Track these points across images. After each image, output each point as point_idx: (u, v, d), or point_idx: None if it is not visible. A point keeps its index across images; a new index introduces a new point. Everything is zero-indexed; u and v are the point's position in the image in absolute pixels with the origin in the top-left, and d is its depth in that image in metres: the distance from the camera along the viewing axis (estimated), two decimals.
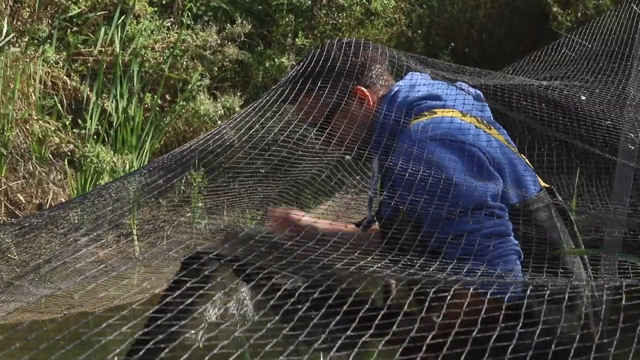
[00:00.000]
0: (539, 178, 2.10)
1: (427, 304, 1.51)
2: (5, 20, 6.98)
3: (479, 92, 2.18)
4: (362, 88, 2.09)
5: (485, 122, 2.05)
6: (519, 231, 1.90)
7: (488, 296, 1.62)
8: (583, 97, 2.98)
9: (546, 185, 2.11)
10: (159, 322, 1.35)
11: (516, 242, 1.87)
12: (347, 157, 2.24)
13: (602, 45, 3.58)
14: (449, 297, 1.52)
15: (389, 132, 2.02)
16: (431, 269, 1.59)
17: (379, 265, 1.58)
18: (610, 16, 3.83)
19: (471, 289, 1.63)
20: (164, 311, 1.36)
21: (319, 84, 2.06)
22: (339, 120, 2.07)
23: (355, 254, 1.56)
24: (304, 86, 2.06)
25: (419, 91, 2.07)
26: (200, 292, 1.39)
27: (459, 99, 2.07)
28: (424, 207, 1.84)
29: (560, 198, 2.13)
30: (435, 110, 2.02)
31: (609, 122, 3.02)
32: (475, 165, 1.92)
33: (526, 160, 2.11)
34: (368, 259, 1.60)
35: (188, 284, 1.40)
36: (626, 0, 3.90)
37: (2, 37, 6.80)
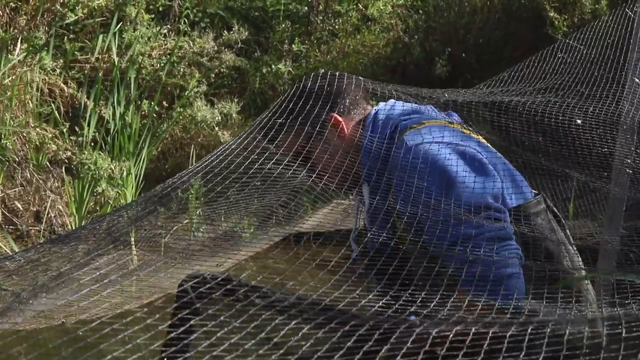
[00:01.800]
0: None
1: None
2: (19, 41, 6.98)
3: (451, 112, 2.19)
4: (336, 115, 2.11)
5: (469, 128, 2.07)
6: (519, 236, 1.88)
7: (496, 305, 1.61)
8: (579, 121, 2.94)
9: (535, 191, 2.11)
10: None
11: (517, 245, 1.86)
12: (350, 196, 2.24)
13: (598, 50, 3.56)
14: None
15: (378, 152, 2.03)
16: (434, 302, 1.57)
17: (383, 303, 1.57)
18: (605, 20, 3.80)
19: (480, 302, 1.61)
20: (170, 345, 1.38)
21: (294, 119, 2.07)
22: (320, 151, 2.08)
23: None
24: (280, 126, 2.06)
25: (400, 109, 2.09)
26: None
27: (438, 112, 2.09)
28: (429, 212, 1.83)
29: (550, 203, 2.13)
30: (423, 121, 2.03)
31: (605, 149, 2.98)
32: (474, 162, 1.92)
33: None
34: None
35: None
36: (621, 4, 3.88)
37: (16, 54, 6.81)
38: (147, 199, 2.26)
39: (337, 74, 2.19)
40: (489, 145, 2.06)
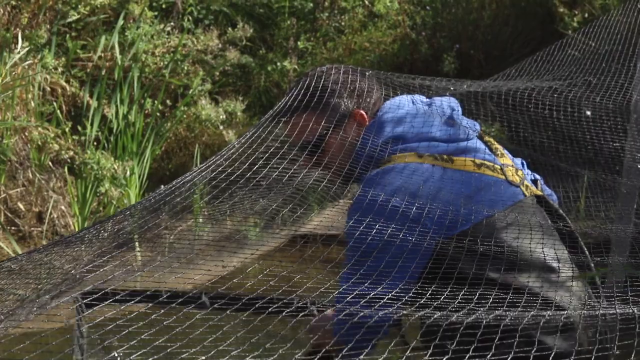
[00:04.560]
0: (529, 187, 2.08)
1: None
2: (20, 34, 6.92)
3: (453, 106, 2.15)
4: (362, 112, 2.13)
5: (447, 154, 2.04)
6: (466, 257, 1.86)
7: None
8: (588, 113, 2.93)
9: (538, 192, 2.08)
10: None
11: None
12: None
13: (607, 44, 3.54)
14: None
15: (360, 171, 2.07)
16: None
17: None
18: (615, 15, 3.79)
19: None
20: None
21: (319, 102, 2.10)
22: (332, 141, 2.11)
23: None
24: (300, 106, 2.09)
25: (388, 130, 2.09)
26: None
27: (423, 132, 2.07)
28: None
29: (555, 205, 2.11)
30: (393, 156, 2.04)
31: (616, 143, 2.97)
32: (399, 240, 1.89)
33: (512, 171, 2.08)
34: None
35: None
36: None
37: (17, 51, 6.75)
38: (151, 203, 2.21)
39: (361, 69, 2.22)
40: (462, 169, 2.02)
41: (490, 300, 1.69)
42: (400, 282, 1.83)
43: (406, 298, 1.73)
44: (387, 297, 1.74)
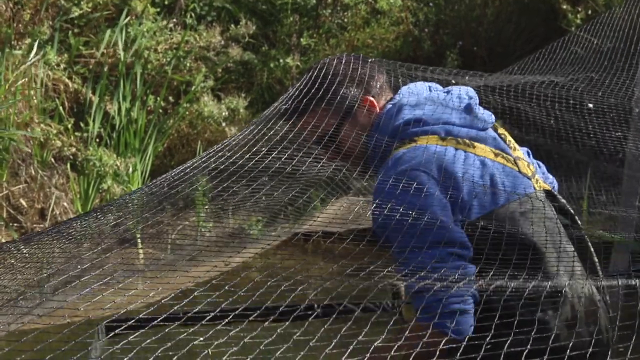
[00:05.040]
0: (539, 180, 2.10)
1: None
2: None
3: (470, 94, 2.16)
4: (371, 98, 2.12)
5: (468, 139, 2.05)
6: (481, 243, 1.87)
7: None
8: (590, 105, 2.94)
9: (546, 187, 2.10)
10: None
11: (473, 284, 1.85)
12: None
13: (610, 41, 3.54)
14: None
15: (377, 155, 2.06)
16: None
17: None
18: (618, 12, 3.80)
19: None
20: None
21: (326, 98, 2.09)
22: (347, 133, 2.10)
23: None
24: (308, 104, 2.09)
25: (407, 113, 2.08)
26: None
27: (442, 116, 2.07)
28: (392, 236, 1.89)
29: (563, 200, 2.12)
30: (416, 138, 2.03)
31: (619, 133, 2.98)
32: (439, 202, 1.91)
33: (523, 162, 2.10)
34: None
35: None
36: None
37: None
38: (153, 193, 2.19)
39: (361, 56, 2.21)
40: (482, 155, 2.03)
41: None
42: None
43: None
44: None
